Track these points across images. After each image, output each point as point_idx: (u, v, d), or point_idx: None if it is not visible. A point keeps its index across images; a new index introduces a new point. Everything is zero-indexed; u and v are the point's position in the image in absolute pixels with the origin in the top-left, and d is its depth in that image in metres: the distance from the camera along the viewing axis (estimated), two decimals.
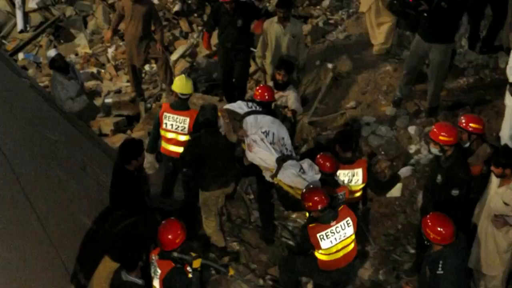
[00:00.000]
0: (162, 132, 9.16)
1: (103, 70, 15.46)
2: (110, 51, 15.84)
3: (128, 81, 13.98)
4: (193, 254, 6.89)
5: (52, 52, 10.09)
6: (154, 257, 6.93)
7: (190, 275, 6.84)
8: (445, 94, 10.50)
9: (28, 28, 17.44)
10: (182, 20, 16.25)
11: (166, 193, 9.77)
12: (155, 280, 6.91)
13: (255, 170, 8.56)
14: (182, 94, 9.07)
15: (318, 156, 8.15)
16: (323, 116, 11.18)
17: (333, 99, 11.47)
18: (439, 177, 7.82)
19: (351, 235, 7.55)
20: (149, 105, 12.83)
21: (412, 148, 10.01)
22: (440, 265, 6.78)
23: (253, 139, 8.16)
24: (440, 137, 7.61)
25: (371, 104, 10.92)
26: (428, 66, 10.19)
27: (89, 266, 7.84)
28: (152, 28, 12.56)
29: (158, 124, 9.18)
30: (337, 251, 7.50)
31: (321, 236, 7.36)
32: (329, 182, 7.99)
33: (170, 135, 9.12)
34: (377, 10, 11.28)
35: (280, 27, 10.51)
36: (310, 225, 7.45)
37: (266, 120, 8.36)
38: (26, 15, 17.57)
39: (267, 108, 8.93)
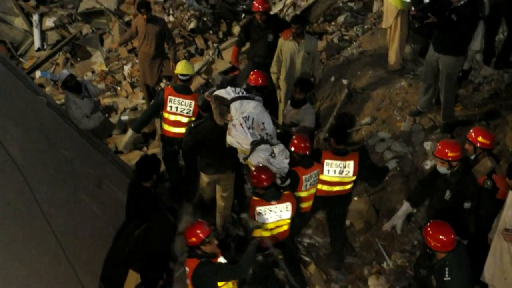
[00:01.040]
0: (166, 115, 9.67)
1: (119, 88, 15.56)
2: (126, 68, 15.94)
3: (144, 98, 14.06)
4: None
5: (64, 73, 10.16)
6: None
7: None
8: (460, 109, 10.47)
9: (45, 47, 17.60)
10: (198, 37, 16.33)
11: (177, 188, 10.31)
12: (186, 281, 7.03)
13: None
14: (183, 75, 9.61)
15: (294, 137, 8.63)
16: None
17: (348, 115, 11.47)
18: (447, 193, 7.87)
19: (286, 219, 8.09)
20: None
21: (428, 164, 9.97)
22: (446, 272, 6.83)
23: (233, 123, 8.52)
24: (449, 154, 7.70)
25: (386, 120, 10.91)
26: None
27: (114, 283, 7.90)
28: (166, 46, 12.66)
29: (160, 106, 9.62)
30: (270, 229, 8.05)
31: (260, 211, 7.91)
32: (301, 162, 8.49)
33: (173, 117, 9.65)
34: (395, 27, 11.28)
35: (295, 44, 10.53)
36: (254, 198, 8.00)
37: (249, 106, 8.65)
38: (43, 34, 17.75)
39: (261, 92, 9.57)
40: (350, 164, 8.71)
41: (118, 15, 17.44)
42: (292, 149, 8.46)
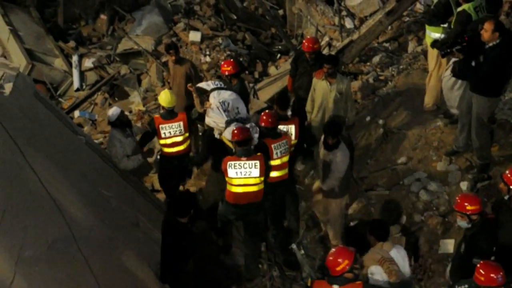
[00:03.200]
0: (162, 141, 10.85)
1: None
2: None
3: None
4: None
5: (116, 110, 10.31)
6: None
7: None
8: (496, 149, 10.42)
9: (84, 87, 17.85)
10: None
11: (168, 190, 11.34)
12: None
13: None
14: (169, 107, 10.72)
15: (262, 113, 9.96)
16: (373, 172, 11.18)
17: (383, 155, 11.47)
18: (463, 246, 7.93)
19: (255, 177, 9.15)
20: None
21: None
22: None
23: (211, 107, 10.16)
24: (467, 207, 7.72)
25: (422, 160, 10.87)
26: None
27: None
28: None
29: (154, 134, 10.75)
30: (239, 185, 9.19)
31: (230, 165, 9.11)
32: (270, 134, 9.74)
33: (169, 141, 10.81)
34: (433, 68, 11.25)
35: (327, 83, 10.58)
36: (227, 157, 9.22)
37: (226, 93, 10.35)
38: (82, 74, 18.01)
39: (238, 77, 11.17)
40: (292, 128, 10.29)
41: (156, 55, 17.67)
42: (262, 124, 9.70)
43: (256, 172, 9.11)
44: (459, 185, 10.20)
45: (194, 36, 17.72)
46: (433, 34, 10.70)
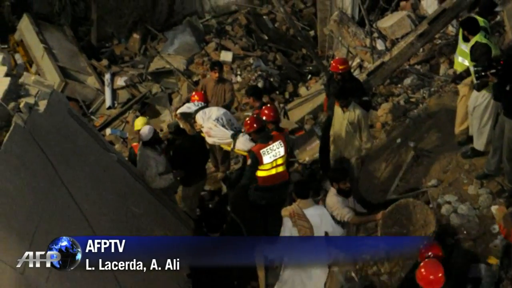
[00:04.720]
0: None
1: None
2: None
3: None
4: None
5: (150, 129, 10.30)
6: None
7: None
8: None
9: (115, 105, 18.02)
10: (264, 98, 16.51)
11: None
12: None
13: None
14: None
15: (264, 107, 10.48)
16: (403, 194, 11.12)
17: (414, 177, 11.40)
18: None
19: (282, 156, 9.85)
20: None
21: (496, 228, 9.80)
22: None
23: (208, 127, 10.54)
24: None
25: (453, 182, 10.79)
26: None
27: None
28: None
29: (133, 162, 10.73)
30: (272, 167, 9.81)
31: (263, 152, 9.69)
32: (275, 128, 10.20)
33: None
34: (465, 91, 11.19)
35: (341, 111, 10.56)
36: (254, 146, 9.78)
37: (213, 110, 10.85)
38: (114, 92, 18.19)
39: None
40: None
41: (187, 75, 17.81)
42: (265, 118, 10.11)
43: (282, 150, 9.83)
44: (490, 209, 10.10)
45: (226, 56, 17.87)
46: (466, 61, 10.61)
